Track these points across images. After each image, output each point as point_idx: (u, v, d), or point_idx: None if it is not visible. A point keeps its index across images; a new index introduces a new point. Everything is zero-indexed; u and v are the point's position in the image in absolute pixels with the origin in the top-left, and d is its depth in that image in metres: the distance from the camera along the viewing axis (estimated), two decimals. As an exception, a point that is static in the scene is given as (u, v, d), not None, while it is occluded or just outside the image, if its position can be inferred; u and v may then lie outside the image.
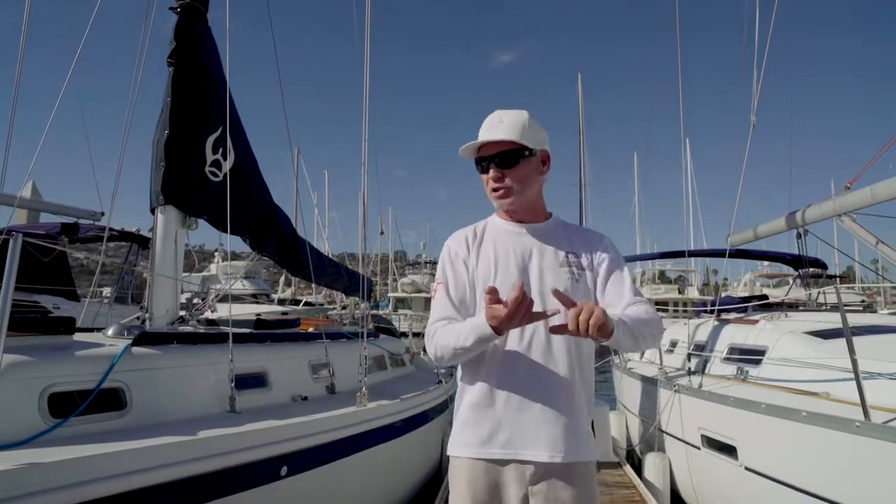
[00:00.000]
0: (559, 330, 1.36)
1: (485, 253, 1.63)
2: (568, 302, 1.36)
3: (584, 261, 1.63)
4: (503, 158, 1.58)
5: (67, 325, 2.88)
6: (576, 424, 1.52)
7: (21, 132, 3.84)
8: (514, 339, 1.53)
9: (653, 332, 1.51)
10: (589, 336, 1.32)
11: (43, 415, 2.36)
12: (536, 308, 1.49)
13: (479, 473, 1.51)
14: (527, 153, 1.59)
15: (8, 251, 1.96)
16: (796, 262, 7.78)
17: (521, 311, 1.35)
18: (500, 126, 1.58)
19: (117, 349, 2.84)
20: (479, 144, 1.60)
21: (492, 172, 1.60)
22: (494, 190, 1.61)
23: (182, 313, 4.14)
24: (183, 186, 4.04)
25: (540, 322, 1.46)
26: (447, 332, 1.52)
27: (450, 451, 1.59)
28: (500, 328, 1.39)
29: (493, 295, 1.38)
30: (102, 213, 9.87)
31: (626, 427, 6.90)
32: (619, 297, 1.58)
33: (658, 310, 10.88)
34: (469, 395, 1.56)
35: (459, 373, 1.63)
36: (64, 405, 2.45)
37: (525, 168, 1.60)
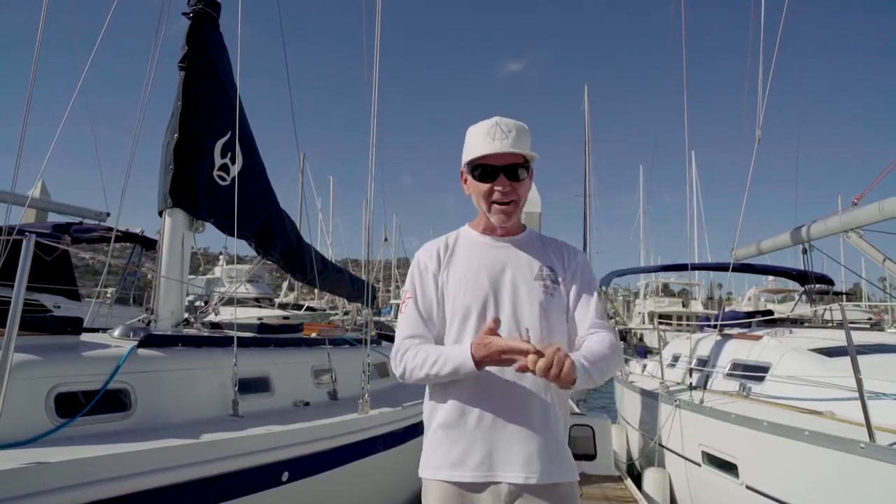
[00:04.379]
0: (522, 369, 1.31)
1: (455, 266, 1.59)
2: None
3: (560, 274, 1.60)
4: (513, 171, 1.54)
5: (75, 326, 2.90)
6: (552, 443, 1.48)
7: (29, 129, 3.86)
8: None
9: (611, 368, 1.49)
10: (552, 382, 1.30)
11: (49, 414, 2.38)
12: (509, 322, 1.49)
13: (452, 497, 1.46)
14: (530, 168, 1.58)
15: (21, 252, 1.98)
16: (802, 277, 7.77)
17: (514, 354, 1.33)
18: (509, 138, 1.53)
19: (123, 350, 2.85)
20: (490, 153, 1.52)
21: (500, 185, 1.54)
22: (500, 203, 1.55)
23: (186, 316, 4.16)
24: (191, 190, 4.07)
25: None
26: (419, 354, 1.48)
27: (421, 473, 1.53)
28: (484, 363, 1.38)
29: (496, 326, 1.38)
30: (108, 214, 9.96)
31: (627, 441, 6.87)
32: (584, 317, 1.57)
33: (661, 323, 10.84)
34: (440, 415, 1.51)
35: (428, 390, 1.59)
36: (70, 405, 2.46)
37: (526, 184, 1.58)
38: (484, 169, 1.55)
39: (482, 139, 1.55)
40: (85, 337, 3.05)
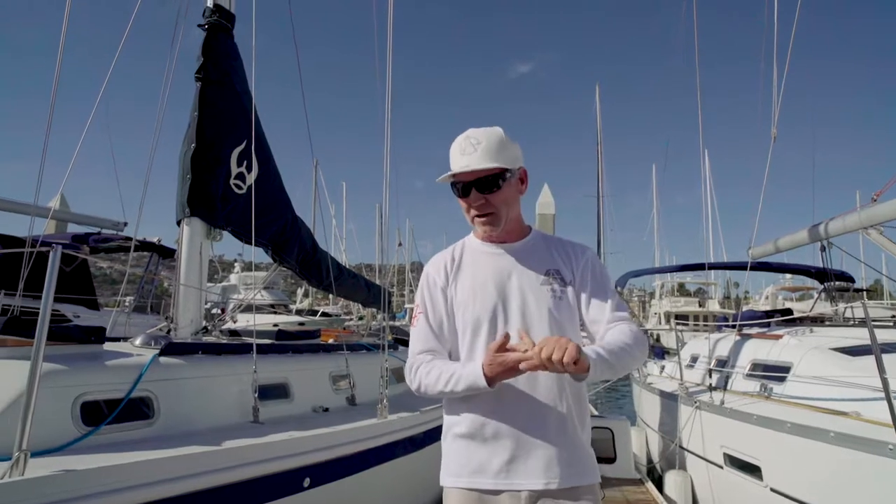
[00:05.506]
0: (531, 367, 1.31)
1: (463, 279, 1.60)
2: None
3: (567, 276, 1.59)
4: (485, 183, 1.53)
5: (98, 335, 2.95)
6: (570, 447, 1.48)
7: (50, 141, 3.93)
8: None
9: (635, 357, 1.47)
10: (564, 371, 1.29)
11: (76, 422, 2.42)
12: (517, 329, 1.48)
13: (473, 502, 1.47)
14: (507, 175, 1.55)
15: (48, 263, 2.02)
16: (821, 275, 7.64)
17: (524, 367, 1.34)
18: (477, 150, 1.52)
19: (145, 359, 2.90)
20: (455, 172, 1.53)
21: (474, 199, 1.54)
22: (479, 216, 1.56)
23: (205, 324, 4.21)
24: (208, 199, 4.12)
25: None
26: (433, 371, 1.50)
27: (442, 482, 1.55)
28: (497, 379, 1.39)
29: (505, 342, 1.38)
30: (126, 224, 10.11)
31: (647, 443, 6.80)
32: (601, 314, 1.55)
33: (678, 323, 10.74)
34: (456, 425, 1.53)
35: (445, 400, 1.60)
36: (95, 413, 2.51)
37: (507, 191, 1.56)
38: (457, 186, 1.57)
39: (455, 156, 1.56)
40: (107, 346, 3.10)
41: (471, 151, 1.53)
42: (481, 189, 1.53)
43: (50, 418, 2.30)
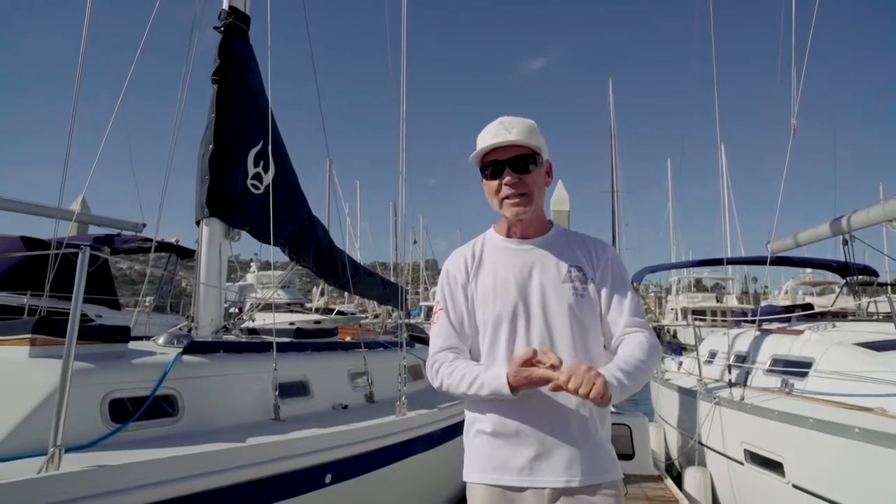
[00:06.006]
0: (556, 388, 1.34)
1: (483, 275, 1.60)
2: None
3: (589, 273, 1.58)
4: (518, 163, 1.53)
5: (123, 334, 3.01)
6: (592, 446, 1.49)
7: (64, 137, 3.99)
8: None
9: (649, 373, 1.48)
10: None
11: (104, 419, 2.48)
12: (541, 331, 1.50)
13: (496, 497, 1.49)
14: (539, 159, 1.56)
15: (77, 265, 2.08)
16: (843, 269, 7.51)
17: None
18: (511, 133, 1.53)
19: (169, 357, 2.95)
20: (490, 148, 1.54)
21: (507, 178, 1.53)
22: (510, 196, 1.54)
23: (225, 322, 4.27)
24: (226, 199, 4.17)
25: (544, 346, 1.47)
26: (455, 371, 1.51)
27: (466, 477, 1.56)
28: (520, 389, 1.41)
29: (532, 356, 1.39)
30: (144, 225, 10.29)
31: (665, 439, 6.76)
32: (619, 316, 1.55)
33: (695, 319, 10.63)
34: (479, 422, 1.54)
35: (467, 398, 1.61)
36: (122, 410, 2.56)
37: (537, 175, 1.56)
38: (489, 167, 1.57)
39: (487, 139, 1.56)
40: (132, 345, 3.16)
41: (504, 134, 1.53)
42: (515, 168, 1.54)
43: (80, 415, 2.35)
